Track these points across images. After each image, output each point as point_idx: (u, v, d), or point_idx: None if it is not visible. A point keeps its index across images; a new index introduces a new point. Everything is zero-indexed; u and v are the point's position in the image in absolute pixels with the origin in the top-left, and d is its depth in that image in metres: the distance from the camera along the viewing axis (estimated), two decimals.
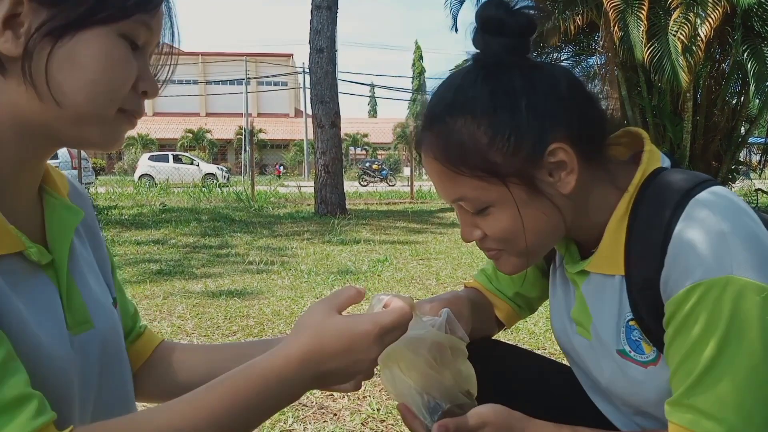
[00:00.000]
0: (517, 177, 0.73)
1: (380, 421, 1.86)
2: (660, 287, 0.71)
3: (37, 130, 0.60)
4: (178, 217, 8.29)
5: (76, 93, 0.58)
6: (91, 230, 0.78)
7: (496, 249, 0.81)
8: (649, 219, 0.73)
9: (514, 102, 0.72)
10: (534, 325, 2.82)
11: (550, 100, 0.73)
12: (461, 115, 0.74)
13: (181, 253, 5.34)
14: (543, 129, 0.72)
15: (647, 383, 0.76)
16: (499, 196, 0.75)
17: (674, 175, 0.76)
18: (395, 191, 16.57)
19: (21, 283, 0.59)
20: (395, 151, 40.92)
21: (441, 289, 3.77)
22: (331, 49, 8.77)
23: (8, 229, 0.59)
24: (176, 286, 3.87)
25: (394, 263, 4.74)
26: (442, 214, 9.28)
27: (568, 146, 0.73)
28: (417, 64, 54.46)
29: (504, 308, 1.07)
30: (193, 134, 38.12)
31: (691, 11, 6.96)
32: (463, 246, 5.64)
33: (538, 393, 1.01)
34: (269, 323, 2.97)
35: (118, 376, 0.73)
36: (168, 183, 16.68)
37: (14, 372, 0.51)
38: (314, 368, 0.61)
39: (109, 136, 0.63)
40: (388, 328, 0.63)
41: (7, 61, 0.57)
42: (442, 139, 0.75)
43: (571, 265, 0.86)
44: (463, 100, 0.74)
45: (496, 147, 0.72)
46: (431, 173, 0.80)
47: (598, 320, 0.82)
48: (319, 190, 8.94)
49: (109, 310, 0.73)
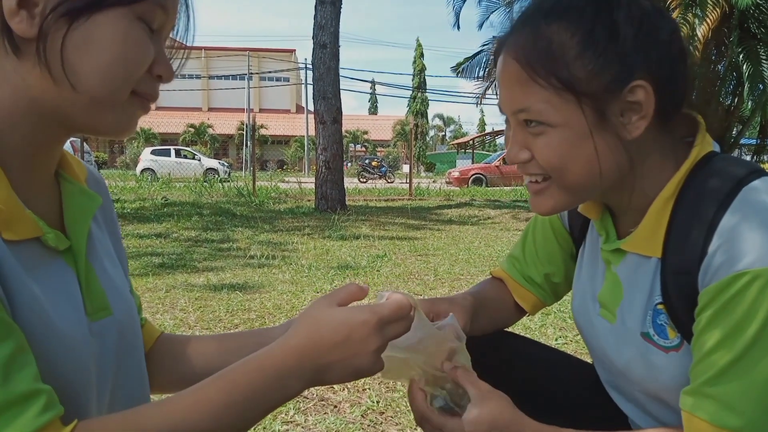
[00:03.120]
0: (591, 100, 0.70)
1: (380, 413, 1.89)
2: (698, 275, 0.69)
3: (49, 113, 0.59)
4: (180, 211, 8.30)
5: (91, 76, 0.57)
6: (109, 217, 0.78)
7: (540, 176, 0.77)
8: (697, 205, 0.71)
9: (615, 26, 0.70)
10: (529, 320, 2.86)
11: (649, 39, 0.71)
12: (558, 21, 0.72)
13: (183, 246, 5.36)
14: (633, 62, 0.70)
15: (666, 369, 0.76)
16: (565, 117, 0.71)
17: (726, 161, 0.74)
18: (394, 188, 16.64)
19: (39, 268, 0.58)
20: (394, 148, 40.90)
21: (439, 285, 3.81)
22: (334, 45, 8.76)
23: (25, 215, 0.57)
24: (178, 279, 3.90)
25: (393, 259, 4.78)
26: (440, 211, 9.32)
27: (651, 90, 0.71)
28: (418, 62, 54.29)
29: (528, 297, 1.05)
30: (195, 129, 38.06)
31: (690, 11, 6.98)
32: (461, 242, 5.69)
33: (550, 387, 1.01)
34: (270, 317, 3.00)
35: (135, 364, 0.72)
36: (170, 177, 16.67)
37: (23, 366, 0.50)
38: (313, 361, 0.60)
39: (122, 122, 0.62)
40: (386, 319, 0.62)
41: (21, 43, 0.56)
42: (530, 40, 0.72)
43: (608, 243, 0.84)
44: (565, 6, 0.72)
45: (582, 62, 0.70)
46: (503, 76, 0.75)
47: (628, 300, 0.81)
48: (320, 186, 8.94)
49: (127, 297, 0.72)
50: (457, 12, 9.27)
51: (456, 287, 3.74)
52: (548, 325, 2.83)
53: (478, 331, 0.96)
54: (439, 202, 11.16)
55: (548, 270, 1.03)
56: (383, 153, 38.85)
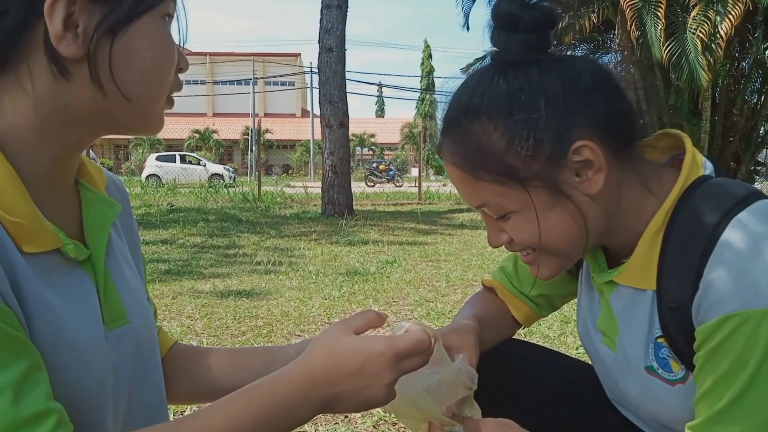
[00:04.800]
0: (539, 180, 0.70)
1: (392, 424, 1.84)
2: (692, 311, 0.67)
3: (89, 124, 0.60)
4: (185, 217, 8.29)
5: (139, 82, 0.59)
6: (128, 224, 0.78)
7: (528, 249, 0.78)
8: (686, 238, 0.69)
9: (531, 100, 0.68)
10: (548, 329, 2.78)
11: (571, 95, 0.69)
12: (477, 118, 0.71)
13: (189, 252, 5.33)
14: (564, 127, 0.68)
15: (675, 402, 0.74)
16: (521, 201, 0.71)
17: (715, 188, 0.71)
18: (403, 192, 16.50)
19: (58, 278, 0.58)
20: (402, 152, 40.89)
21: (451, 292, 3.73)
22: (340, 49, 8.74)
23: (45, 226, 0.58)
24: (185, 285, 3.86)
25: (403, 265, 4.71)
26: (451, 215, 9.24)
27: (595, 143, 0.69)
28: (426, 63, 54.42)
29: (522, 309, 1.03)
30: (200, 134, 38.27)
31: (711, 8, 6.89)
32: (474, 247, 5.61)
33: (563, 396, 0.99)
34: (278, 324, 2.96)
35: (152, 372, 0.72)
36: (175, 183, 16.73)
37: (36, 385, 0.50)
38: (325, 389, 0.60)
39: (159, 119, 0.64)
40: (403, 353, 0.61)
41: (69, 64, 0.56)
42: (459, 145, 0.73)
43: (599, 274, 0.82)
44: (479, 101, 0.71)
45: (514, 150, 0.69)
46: (452, 179, 0.77)
47: (626, 334, 0.79)
48: (327, 191, 8.91)
49: (145, 306, 0.72)
50: (466, 13, 9.23)
51: (469, 293, 3.66)
52: (568, 333, 2.72)
53: (482, 347, 0.93)
54: (449, 206, 11.08)
55: (543, 288, 1.00)
56: (391, 156, 38.88)
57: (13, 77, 0.56)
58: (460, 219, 8.70)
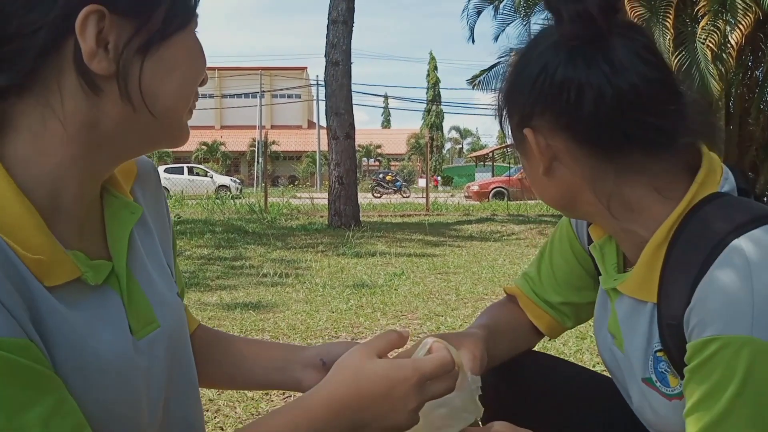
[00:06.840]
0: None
1: None
2: (683, 324, 0.68)
3: (115, 143, 0.59)
4: (192, 228, 8.26)
5: (169, 97, 0.59)
6: (157, 210, 0.77)
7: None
8: (685, 255, 0.69)
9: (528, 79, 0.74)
10: (563, 345, 2.70)
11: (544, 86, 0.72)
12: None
13: (195, 264, 5.30)
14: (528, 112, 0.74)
15: (670, 416, 0.74)
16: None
17: (720, 210, 0.69)
18: (410, 203, 16.38)
19: (81, 302, 0.58)
20: (409, 162, 40.90)
21: (462, 305, 3.66)
22: (346, 62, 8.77)
23: (64, 259, 0.56)
24: (192, 298, 3.82)
25: (411, 277, 4.65)
26: (460, 227, 9.16)
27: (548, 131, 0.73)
28: (431, 75, 54.61)
29: (543, 317, 0.98)
30: (208, 146, 38.47)
31: (720, 18, 6.86)
32: (483, 260, 5.53)
33: (581, 410, 0.98)
34: (285, 337, 2.91)
35: (186, 370, 0.72)
36: (182, 195, 16.75)
37: (64, 418, 0.50)
38: (350, 415, 0.59)
39: (186, 130, 0.64)
40: (428, 376, 0.61)
41: (100, 81, 0.55)
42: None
43: (605, 279, 0.83)
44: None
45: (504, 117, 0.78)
46: None
47: (629, 343, 0.79)
48: (333, 202, 8.87)
49: (175, 304, 0.72)
50: (471, 26, 9.26)
51: (480, 308, 3.59)
52: (584, 350, 2.63)
53: (496, 360, 0.92)
54: (458, 218, 10.98)
55: (567, 295, 0.98)
56: (397, 167, 38.89)
57: (40, 98, 0.55)
58: (468, 230, 8.61)
